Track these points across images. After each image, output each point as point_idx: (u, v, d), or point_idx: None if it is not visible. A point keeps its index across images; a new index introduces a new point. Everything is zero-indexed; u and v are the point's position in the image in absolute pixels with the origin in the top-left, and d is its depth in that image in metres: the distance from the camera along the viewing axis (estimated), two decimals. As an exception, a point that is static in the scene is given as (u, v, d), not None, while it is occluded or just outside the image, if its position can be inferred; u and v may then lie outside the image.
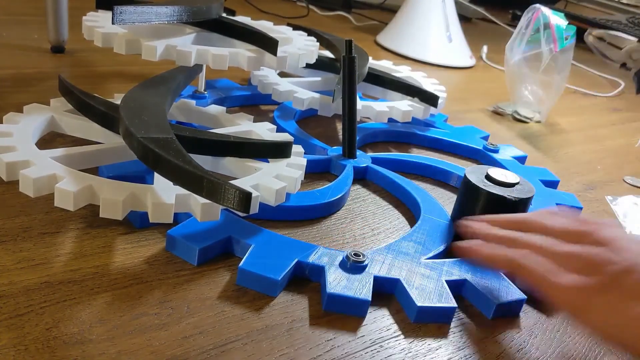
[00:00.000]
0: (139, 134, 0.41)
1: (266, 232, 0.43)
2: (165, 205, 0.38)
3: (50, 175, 0.39)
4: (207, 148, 0.47)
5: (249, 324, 0.36)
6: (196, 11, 0.56)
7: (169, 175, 0.39)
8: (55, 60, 0.74)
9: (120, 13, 0.49)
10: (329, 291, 0.38)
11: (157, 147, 0.39)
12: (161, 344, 0.33)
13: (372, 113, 0.65)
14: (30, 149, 0.42)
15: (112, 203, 0.38)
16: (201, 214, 0.39)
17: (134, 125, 0.42)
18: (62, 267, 0.37)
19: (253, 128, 0.54)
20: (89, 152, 0.45)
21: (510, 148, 0.70)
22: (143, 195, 0.39)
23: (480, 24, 1.65)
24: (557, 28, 0.82)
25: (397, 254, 0.44)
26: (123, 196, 0.38)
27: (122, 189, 0.39)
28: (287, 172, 0.46)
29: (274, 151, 0.48)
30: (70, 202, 0.37)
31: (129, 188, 0.39)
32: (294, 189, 0.46)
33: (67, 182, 0.38)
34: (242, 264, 0.39)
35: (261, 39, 0.57)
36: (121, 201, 0.38)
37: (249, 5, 1.27)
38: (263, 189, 0.43)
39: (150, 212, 0.38)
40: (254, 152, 0.48)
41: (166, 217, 0.39)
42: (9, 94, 0.61)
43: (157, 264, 0.39)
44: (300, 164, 0.48)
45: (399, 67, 0.83)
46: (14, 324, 0.32)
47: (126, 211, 0.38)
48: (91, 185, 0.38)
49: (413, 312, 0.39)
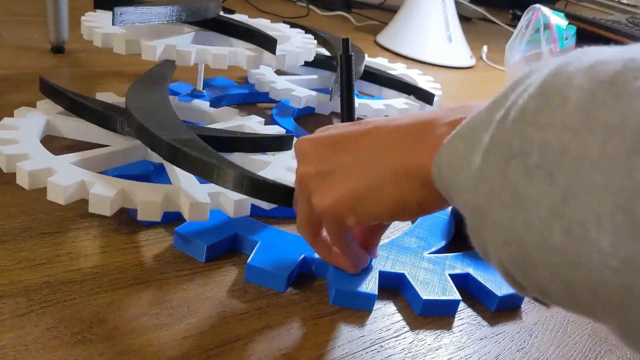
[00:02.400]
0: (163, 137, 0.41)
1: (272, 229, 0.43)
2: (201, 205, 0.39)
3: (80, 182, 0.38)
4: (215, 145, 0.46)
5: (249, 324, 0.36)
6: (195, 11, 0.57)
7: (205, 175, 0.39)
8: (55, 60, 0.74)
9: (121, 14, 0.49)
10: (337, 287, 0.39)
11: (186, 147, 0.40)
12: (161, 344, 0.33)
13: (369, 111, 0.66)
14: (45, 155, 0.41)
15: (150, 205, 0.38)
16: (234, 210, 0.40)
17: (152, 127, 0.42)
18: (62, 267, 0.37)
19: (244, 122, 0.54)
20: (103, 155, 0.45)
21: None
22: (176, 195, 0.39)
23: (480, 24, 1.65)
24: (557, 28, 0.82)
25: (400, 249, 0.44)
26: (160, 198, 0.38)
27: (156, 191, 0.39)
28: (286, 176, 0.46)
29: (277, 144, 0.50)
30: (107, 207, 0.37)
31: (162, 189, 0.39)
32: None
33: (99, 187, 0.38)
34: (250, 260, 0.39)
35: (260, 38, 0.58)
36: (159, 203, 0.38)
37: (249, 5, 1.27)
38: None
39: (187, 212, 0.39)
40: (260, 146, 0.49)
41: (203, 216, 0.39)
42: (9, 94, 0.61)
43: (157, 264, 0.39)
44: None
45: (394, 64, 0.83)
46: (14, 324, 0.32)
47: (162, 212, 0.39)
48: (123, 188, 0.38)
49: (418, 305, 0.40)
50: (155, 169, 0.48)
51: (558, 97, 0.20)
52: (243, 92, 0.71)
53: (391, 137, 0.31)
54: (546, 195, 0.19)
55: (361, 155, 0.32)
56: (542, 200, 0.19)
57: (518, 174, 0.20)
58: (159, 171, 0.48)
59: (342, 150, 0.33)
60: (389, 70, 0.79)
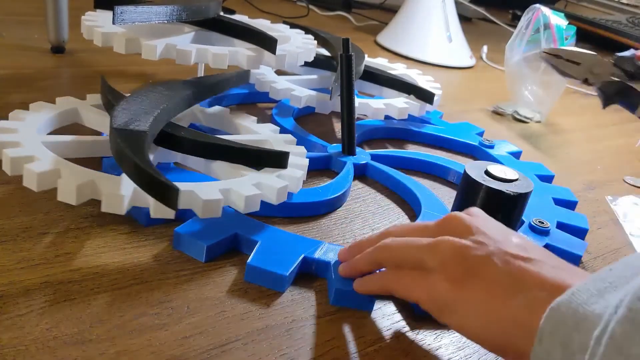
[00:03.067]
0: (115, 124, 0.41)
1: (272, 228, 0.43)
2: (214, 202, 0.39)
3: (90, 181, 0.39)
4: (199, 150, 0.46)
5: (249, 324, 0.36)
6: (195, 10, 0.57)
7: (122, 167, 0.39)
8: (55, 60, 0.74)
9: (121, 13, 0.49)
10: (337, 286, 0.38)
11: (122, 139, 0.39)
12: (161, 344, 0.33)
13: (368, 110, 0.66)
14: (51, 156, 0.41)
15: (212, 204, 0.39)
16: (244, 206, 0.41)
17: (116, 115, 0.42)
18: (62, 267, 0.37)
19: (269, 138, 0.52)
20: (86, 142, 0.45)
21: (505, 144, 0.71)
22: (189, 193, 0.40)
23: (480, 24, 1.65)
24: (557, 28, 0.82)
25: None
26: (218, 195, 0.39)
27: (212, 189, 0.40)
28: (289, 172, 0.46)
29: (269, 160, 0.46)
30: (122, 207, 0.38)
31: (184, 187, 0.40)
32: (295, 189, 0.46)
33: (109, 186, 0.38)
34: (250, 260, 0.39)
35: (260, 38, 0.58)
36: (220, 200, 0.39)
37: (249, 5, 1.27)
38: (265, 187, 0.43)
39: (201, 209, 0.39)
40: (246, 158, 0.46)
41: (216, 212, 0.40)
42: (9, 94, 0.61)
43: (157, 263, 0.39)
44: (303, 164, 0.48)
45: (394, 64, 0.83)
46: (14, 324, 0.32)
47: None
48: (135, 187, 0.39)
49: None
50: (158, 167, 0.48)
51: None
52: (243, 92, 0.71)
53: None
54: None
55: (486, 297, 0.31)
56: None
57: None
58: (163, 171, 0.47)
59: (473, 278, 0.32)
60: (389, 70, 0.79)
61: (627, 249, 0.55)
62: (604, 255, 0.52)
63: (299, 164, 0.48)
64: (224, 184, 0.42)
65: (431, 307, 0.34)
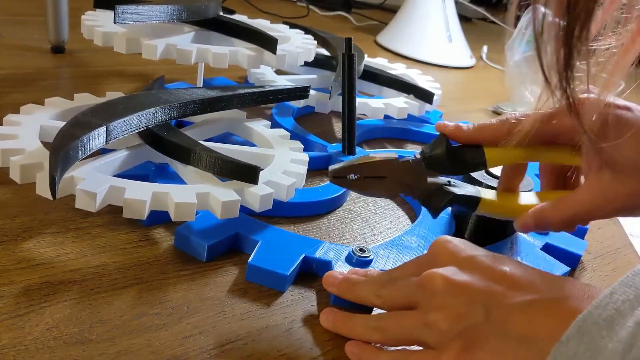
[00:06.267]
0: (83, 117, 0.41)
1: (273, 228, 0.43)
2: (232, 203, 0.40)
3: (70, 177, 0.38)
4: (171, 152, 0.45)
5: (249, 324, 0.36)
6: (195, 10, 0.57)
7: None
8: (55, 60, 0.74)
9: (122, 12, 0.49)
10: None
11: (69, 127, 0.40)
12: (161, 344, 0.33)
13: (368, 110, 0.66)
14: (41, 151, 0.41)
15: (185, 207, 0.39)
16: (259, 205, 0.41)
17: (90, 112, 0.42)
18: (62, 267, 0.37)
19: (228, 115, 0.52)
20: (113, 161, 0.44)
21: None
22: (206, 195, 0.40)
23: (480, 24, 1.65)
24: (557, 28, 0.82)
25: (401, 248, 0.44)
26: (193, 199, 0.39)
27: (188, 193, 0.39)
28: (293, 168, 0.46)
29: (239, 173, 0.42)
30: (143, 212, 0.38)
31: (149, 189, 0.39)
32: (300, 185, 0.46)
33: (87, 184, 0.38)
34: (251, 260, 0.39)
35: (260, 38, 0.58)
36: (194, 204, 0.39)
37: (249, 5, 1.27)
38: (275, 186, 0.43)
39: (220, 210, 0.39)
40: (216, 167, 0.43)
41: (234, 213, 0.40)
42: (8, 94, 0.61)
43: (157, 263, 0.39)
44: (304, 160, 0.48)
45: (393, 64, 0.83)
46: (14, 324, 0.32)
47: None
48: (155, 191, 0.39)
49: None
50: (155, 168, 0.48)
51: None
52: (243, 92, 0.71)
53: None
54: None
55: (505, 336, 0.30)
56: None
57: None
58: (159, 171, 0.48)
59: (478, 308, 0.31)
60: (389, 70, 0.79)
61: (627, 249, 0.55)
62: (604, 255, 0.52)
63: (300, 160, 0.48)
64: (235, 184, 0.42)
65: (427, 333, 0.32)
